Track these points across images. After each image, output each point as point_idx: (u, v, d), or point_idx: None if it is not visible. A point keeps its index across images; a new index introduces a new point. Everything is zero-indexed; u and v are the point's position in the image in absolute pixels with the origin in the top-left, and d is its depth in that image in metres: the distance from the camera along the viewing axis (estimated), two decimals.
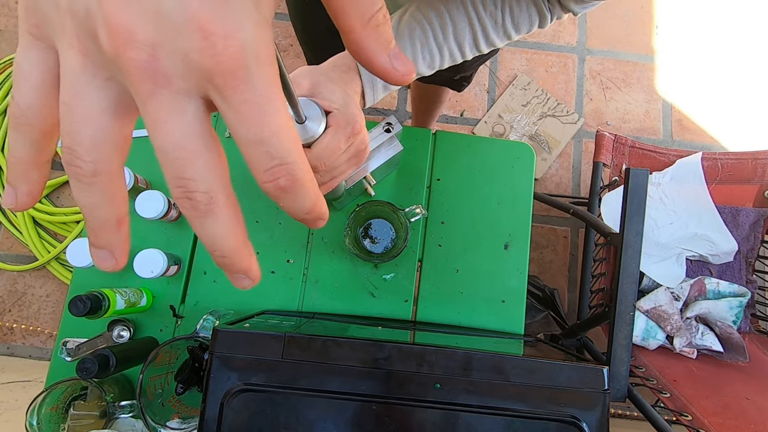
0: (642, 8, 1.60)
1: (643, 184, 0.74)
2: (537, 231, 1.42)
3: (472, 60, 0.74)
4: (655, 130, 1.51)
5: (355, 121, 0.38)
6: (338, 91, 0.39)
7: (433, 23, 0.42)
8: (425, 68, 0.44)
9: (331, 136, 0.37)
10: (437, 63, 0.44)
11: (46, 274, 1.33)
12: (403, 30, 0.42)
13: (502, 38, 0.44)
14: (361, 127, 0.39)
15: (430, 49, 0.42)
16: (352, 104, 0.39)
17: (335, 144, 0.38)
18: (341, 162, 0.40)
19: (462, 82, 0.88)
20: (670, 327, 0.99)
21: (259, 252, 0.71)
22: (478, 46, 0.44)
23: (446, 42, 0.43)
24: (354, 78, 0.42)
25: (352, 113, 0.38)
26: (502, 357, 0.45)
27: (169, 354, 0.60)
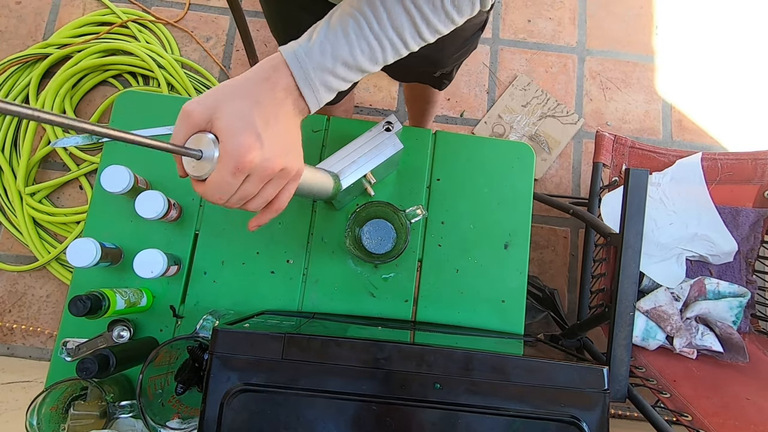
0: (642, 8, 1.60)
1: (643, 184, 0.74)
2: (537, 231, 1.42)
3: (441, 53, 0.73)
4: (654, 131, 1.51)
5: (238, 156, 0.35)
6: (238, 111, 0.36)
7: (366, 13, 0.39)
8: (366, 62, 0.41)
9: (215, 172, 0.37)
10: (379, 55, 0.41)
11: (46, 274, 1.33)
12: (336, 24, 0.40)
13: (445, 22, 0.42)
14: (251, 161, 0.36)
15: (367, 41, 0.40)
16: (248, 130, 0.36)
17: (218, 181, 0.37)
18: (249, 194, 0.39)
19: (443, 80, 0.86)
20: (670, 327, 0.98)
21: (259, 252, 0.71)
22: (421, 34, 0.42)
23: (383, 31, 0.40)
24: (279, 80, 0.39)
25: (238, 145, 0.35)
26: (502, 357, 0.45)
27: (169, 354, 0.60)
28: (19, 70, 1.40)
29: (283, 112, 0.39)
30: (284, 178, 0.41)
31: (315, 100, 0.41)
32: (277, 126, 0.38)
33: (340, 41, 0.39)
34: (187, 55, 1.48)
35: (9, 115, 0.26)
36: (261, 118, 0.37)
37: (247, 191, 0.39)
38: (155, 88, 1.40)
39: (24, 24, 1.48)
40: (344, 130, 0.76)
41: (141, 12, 1.48)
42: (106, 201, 0.71)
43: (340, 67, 0.40)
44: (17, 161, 1.35)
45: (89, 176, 1.37)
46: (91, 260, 0.60)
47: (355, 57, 0.40)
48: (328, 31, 0.40)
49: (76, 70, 1.36)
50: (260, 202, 0.41)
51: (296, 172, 0.42)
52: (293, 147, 0.41)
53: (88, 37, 1.43)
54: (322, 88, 0.41)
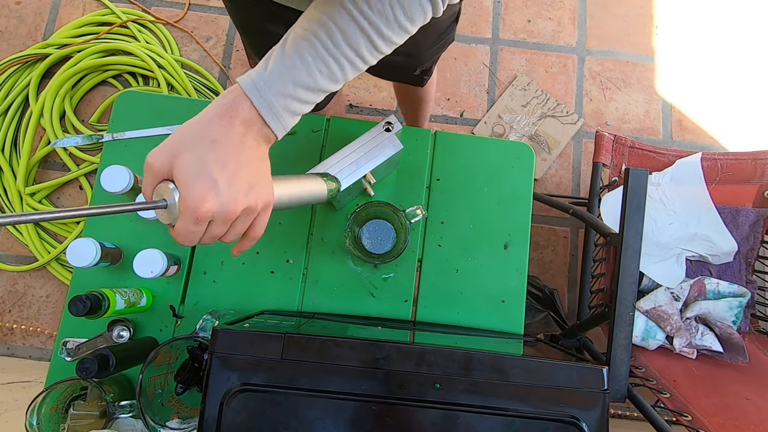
0: (642, 8, 1.60)
1: (642, 184, 0.74)
2: (537, 231, 1.42)
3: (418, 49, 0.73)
4: (654, 131, 1.51)
5: (194, 208, 0.36)
6: (192, 160, 0.36)
7: (319, 35, 0.39)
8: (327, 82, 0.41)
9: (179, 222, 0.37)
10: (338, 74, 0.41)
11: (46, 274, 1.33)
12: (290, 49, 0.39)
13: (400, 33, 0.41)
14: (208, 211, 0.36)
15: (324, 62, 0.40)
16: (202, 178, 0.36)
17: (184, 228, 0.37)
18: (219, 234, 0.39)
19: (422, 77, 0.86)
20: (669, 327, 0.98)
21: (259, 252, 0.71)
22: (377, 48, 0.41)
23: (339, 50, 0.40)
24: (238, 113, 0.38)
25: (192, 197, 0.36)
26: (501, 357, 0.45)
27: (169, 354, 0.60)
28: (19, 70, 1.40)
29: (244, 147, 0.39)
30: (250, 214, 0.41)
31: (280, 127, 0.41)
32: (238, 164, 0.38)
33: (297, 66, 0.39)
34: (187, 55, 1.48)
35: None
36: (217, 161, 0.37)
37: (215, 233, 0.39)
38: (155, 88, 1.40)
39: (24, 24, 1.48)
40: (344, 130, 0.76)
41: (141, 12, 1.48)
42: (106, 201, 0.71)
43: (301, 91, 0.40)
44: (17, 161, 1.35)
45: (89, 176, 1.37)
46: (91, 260, 0.60)
47: (315, 79, 0.40)
48: (284, 57, 0.39)
49: (76, 70, 1.36)
50: (233, 237, 0.41)
51: (263, 205, 0.41)
52: (257, 181, 0.40)
53: (88, 37, 1.43)
54: (285, 113, 0.41)
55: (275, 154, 0.73)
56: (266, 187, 0.42)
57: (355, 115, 1.48)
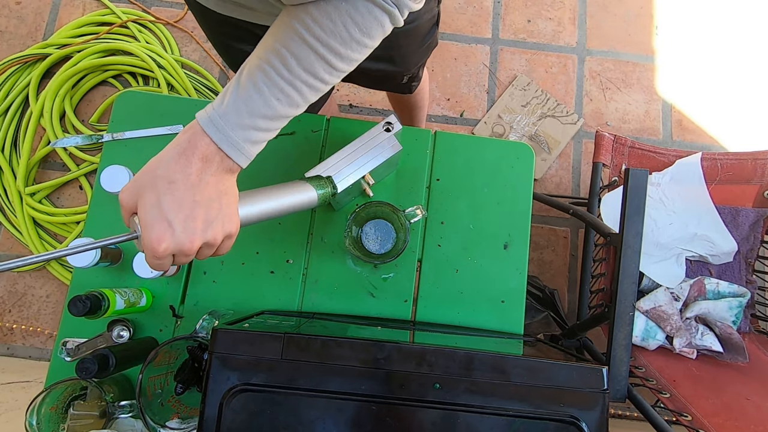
0: (642, 8, 1.60)
1: (642, 184, 0.74)
2: (537, 231, 1.42)
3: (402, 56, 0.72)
4: (654, 131, 1.51)
5: (151, 249, 0.38)
6: (151, 202, 0.38)
7: (273, 63, 0.39)
8: (286, 108, 0.41)
9: (144, 256, 0.40)
10: (298, 99, 0.41)
11: (46, 274, 1.33)
12: (245, 81, 0.39)
13: (358, 50, 0.40)
14: (165, 250, 0.38)
15: (281, 89, 0.39)
16: (158, 221, 0.38)
17: (150, 261, 0.40)
18: (186, 261, 0.41)
19: (411, 83, 0.86)
20: (669, 327, 0.98)
21: (259, 252, 0.71)
22: (335, 67, 0.40)
23: (294, 76, 0.39)
24: (196, 150, 0.39)
25: (149, 239, 0.38)
26: (501, 357, 0.45)
27: (169, 354, 0.60)
28: (19, 70, 1.40)
29: (201, 185, 0.39)
30: (211, 247, 0.42)
31: (243, 157, 0.41)
32: (193, 204, 0.39)
33: (252, 97, 0.39)
34: (187, 55, 1.48)
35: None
36: (173, 201, 0.38)
37: (180, 262, 0.41)
38: (155, 88, 1.40)
39: (24, 24, 1.48)
40: (344, 130, 0.76)
41: (141, 12, 1.48)
42: (106, 201, 0.71)
43: (259, 120, 0.40)
44: (17, 161, 1.35)
45: (89, 176, 1.37)
46: (91, 260, 0.60)
47: (272, 107, 0.40)
48: (239, 89, 0.39)
49: (76, 70, 1.36)
50: (202, 258, 0.43)
51: (224, 236, 0.42)
52: (216, 215, 0.41)
53: (88, 37, 1.43)
54: (247, 144, 0.40)
55: (276, 155, 0.73)
56: (226, 220, 0.42)
57: (355, 115, 1.48)
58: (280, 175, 0.73)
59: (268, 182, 0.72)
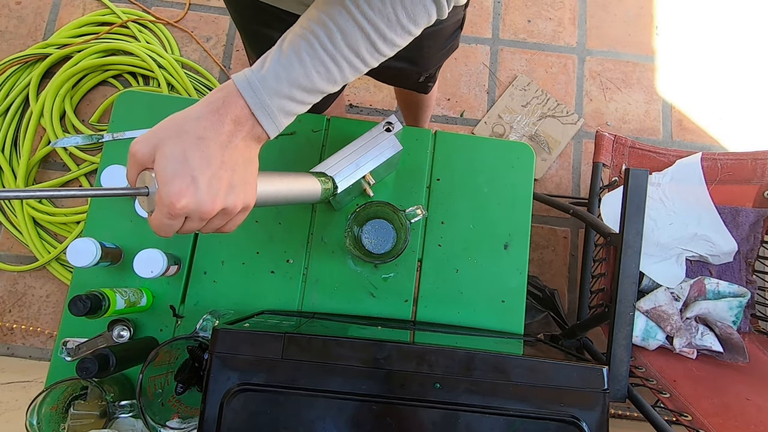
0: (642, 8, 1.60)
1: (642, 184, 0.74)
2: (537, 231, 1.42)
3: (423, 56, 0.73)
4: (654, 131, 1.51)
5: (169, 204, 0.35)
6: (176, 153, 0.36)
7: (317, 34, 0.38)
8: (324, 83, 0.40)
9: (154, 213, 0.37)
10: (336, 75, 0.40)
11: (46, 274, 1.33)
12: (288, 49, 0.38)
13: (402, 35, 0.40)
14: (184, 208, 0.35)
15: (322, 62, 0.39)
16: (182, 174, 0.35)
17: (159, 221, 0.37)
18: (194, 229, 0.39)
19: (427, 83, 0.86)
20: (669, 327, 0.98)
21: (259, 252, 0.71)
22: (378, 49, 0.40)
23: (338, 50, 0.39)
24: (229, 111, 0.37)
25: (169, 192, 0.35)
26: (501, 357, 0.45)
27: (169, 354, 0.60)
28: (19, 70, 1.40)
29: (231, 147, 0.38)
30: (227, 215, 0.40)
31: (273, 126, 0.40)
32: (221, 164, 0.37)
33: (293, 65, 0.38)
34: (187, 55, 1.48)
35: None
36: (201, 158, 0.36)
37: (190, 228, 0.39)
38: (155, 88, 1.40)
39: (24, 24, 1.48)
40: (344, 130, 0.76)
41: (141, 12, 1.48)
42: (106, 201, 0.71)
43: (296, 91, 0.39)
44: (17, 161, 1.35)
45: (89, 176, 1.37)
46: (91, 260, 0.60)
47: (312, 80, 0.39)
48: (281, 56, 0.38)
49: (76, 70, 1.36)
50: (207, 231, 0.41)
51: (242, 207, 0.40)
52: (240, 182, 0.39)
53: (88, 37, 1.43)
54: (280, 114, 0.39)
55: (275, 154, 0.73)
56: (248, 190, 0.41)
57: (355, 115, 1.48)
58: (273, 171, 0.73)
59: None
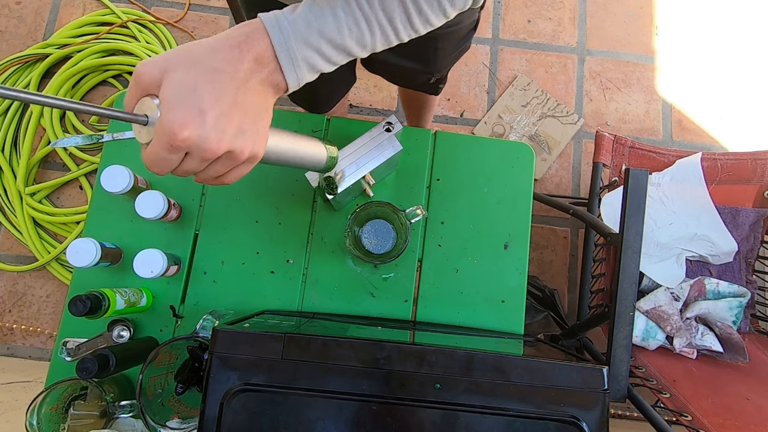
0: (642, 8, 1.60)
1: (642, 184, 0.74)
2: (537, 231, 1.42)
3: (437, 55, 0.72)
4: (654, 131, 1.51)
5: (171, 133, 0.32)
6: (186, 81, 0.33)
7: None
8: (353, 44, 0.38)
9: (151, 145, 0.34)
10: (367, 38, 0.38)
11: (46, 274, 1.33)
12: (322, 1, 0.36)
13: (438, 15, 0.39)
14: (186, 140, 0.32)
15: (356, 20, 0.37)
16: (189, 104, 0.32)
17: (156, 154, 0.34)
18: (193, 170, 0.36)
19: (437, 85, 0.86)
20: (669, 327, 0.98)
21: (259, 252, 0.71)
22: (412, 23, 0.39)
23: (373, 12, 0.37)
24: (251, 48, 0.34)
25: (172, 120, 0.32)
26: (502, 357, 0.45)
27: (169, 354, 0.60)
28: (19, 70, 1.40)
29: (247, 87, 0.35)
30: (233, 160, 0.36)
31: (294, 77, 0.37)
32: (233, 103, 0.34)
33: (326, 16, 0.36)
34: None
35: None
36: (213, 91, 0.33)
37: (188, 167, 0.35)
38: None
39: (24, 24, 1.48)
40: (344, 130, 0.76)
41: (141, 12, 1.48)
42: (106, 201, 0.71)
43: (325, 44, 0.37)
44: (17, 161, 1.35)
45: (89, 176, 1.37)
46: (91, 260, 0.60)
47: (342, 36, 0.37)
48: (314, 5, 0.36)
49: (76, 70, 1.36)
50: (206, 177, 0.38)
51: (249, 155, 0.37)
52: (250, 127, 0.36)
53: (88, 37, 1.43)
54: (303, 64, 0.37)
55: None
56: (258, 139, 0.37)
57: (355, 115, 1.48)
58: (279, 175, 0.73)
59: (267, 182, 0.73)
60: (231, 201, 0.72)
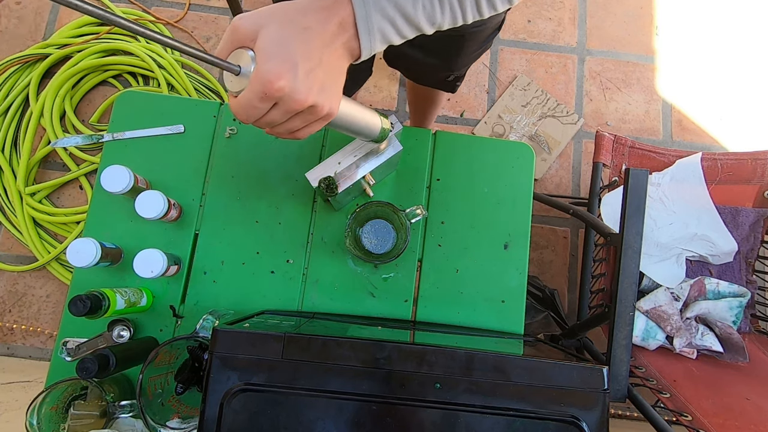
0: (642, 8, 1.60)
1: (642, 184, 0.74)
2: (537, 231, 1.42)
3: (463, 57, 0.73)
4: (654, 131, 1.51)
5: (266, 82, 0.35)
6: (281, 36, 0.35)
7: None
8: (424, 21, 0.40)
9: (244, 93, 0.36)
10: (438, 17, 0.40)
11: (46, 274, 1.33)
12: None
13: (503, 2, 0.41)
14: (280, 90, 0.35)
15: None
16: (285, 57, 0.35)
17: (245, 102, 0.36)
18: (274, 121, 0.38)
19: (455, 83, 0.86)
20: (670, 327, 0.98)
21: (259, 252, 0.71)
22: (479, 6, 0.40)
23: None
24: (337, 12, 0.37)
25: (269, 71, 0.35)
26: (502, 357, 0.45)
27: (169, 354, 0.60)
28: (19, 70, 1.40)
29: (331, 48, 0.38)
30: (313, 114, 0.39)
31: (368, 46, 0.39)
32: (320, 60, 0.37)
33: None
34: (186, 55, 1.48)
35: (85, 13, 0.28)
36: (303, 47, 0.36)
37: (273, 118, 0.38)
38: (155, 88, 1.40)
39: (24, 24, 1.48)
40: None
41: (141, 12, 1.48)
42: (106, 201, 0.71)
43: (399, 18, 0.39)
44: (17, 161, 1.35)
45: (89, 176, 1.37)
46: (91, 260, 0.60)
47: (416, 11, 0.39)
48: None
49: (76, 70, 1.36)
50: (283, 131, 0.40)
51: (327, 112, 0.40)
52: (331, 85, 0.39)
53: (88, 37, 1.43)
54: (378, 34, 0.39)
55: (276, 155, 0.73)
56: (335, 96, 0.40)
57: None
58: (280, 175, 0.73)
59: (269, 182, 0.73)
60: (231, 201, 0.72)
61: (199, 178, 0.73)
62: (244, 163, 0.73)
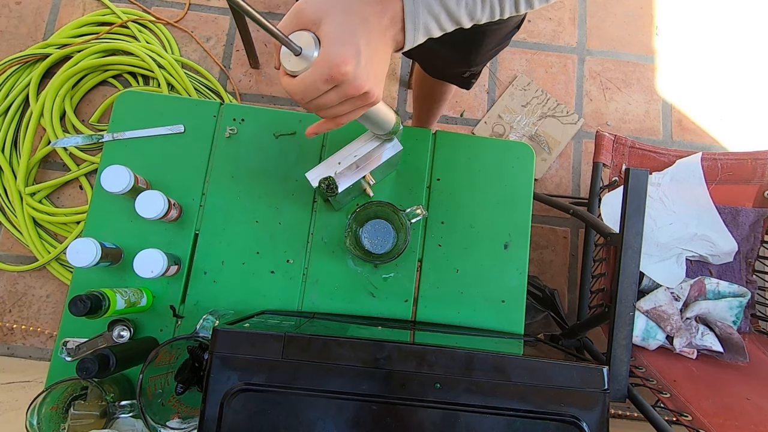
0: (642, 8, 1.60)
1: (642, 184, 0.74)
2: (537, 231, 1.42)
3: (482, 53, 0.72)
4: (654, 131, 1.51)
5: (334, 65, 0.36)
6: (346, 23, 0.37)
7: None
8: (465, 16, 0.41)
9: (307, 73, 0.37)
10: (478, 12, 0.41)
11: (47, 274, 1.33)
12: None
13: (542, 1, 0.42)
14: (345, 74, 0.37)
15: None
16: (351, 43, 0.37)
17: (308, 83, 0.38)
18: (328, 103, 0.40)
19: (471, 80, 0.87)
20: (670, 327, 0.98)
21: (259, 252, 0.71)
22: (517, 3, 0.42)
23: None
24: (390, 6, 0.39)
25: (337, 54, 0.36)
26: (502, 357, 0.45)
27: (169, 354, 0.60)
28: (19, 70, 1.40)
29: (383, 39, 0.40)
30: (363, 100, 0.41)
31: (412, 39, 0.41)
32: (376, 50, 0.39)
33: None
34: (187, 55, 1.48)
35: None
36: (364, 36, 0.38)
37: (328, 100, 0.39)
38: (155, 88, 1.40)
39: (24, 24, 1.48)
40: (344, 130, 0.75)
41: (141, 12, 1.48)
42: (106, 201, 0.71)
43: (442, 14, 0.40)
44: (17, 161, 1.35)
45: (89, 176, 1.37)
46: (91, 260, 0.60)
47: (459, 7, 0.40)
48: None
49: (76, 70, 1.36)
50: (332, 114, 0.42)
51: (375, 98, 0.42)
52: (381, 74, 0.41)
53: (88, 37, 1.43)
54: (422, 29, 0.41)
55: (276, 155, 0.73)
56: (382, 85, 0.42)
57: None
58: (280, 175, 0.73)
59: (269, 182, 0.73)
60: (231, 201, 0.72)
61: (199, 178, 0.73)
62: (244, 163, 0.73)
